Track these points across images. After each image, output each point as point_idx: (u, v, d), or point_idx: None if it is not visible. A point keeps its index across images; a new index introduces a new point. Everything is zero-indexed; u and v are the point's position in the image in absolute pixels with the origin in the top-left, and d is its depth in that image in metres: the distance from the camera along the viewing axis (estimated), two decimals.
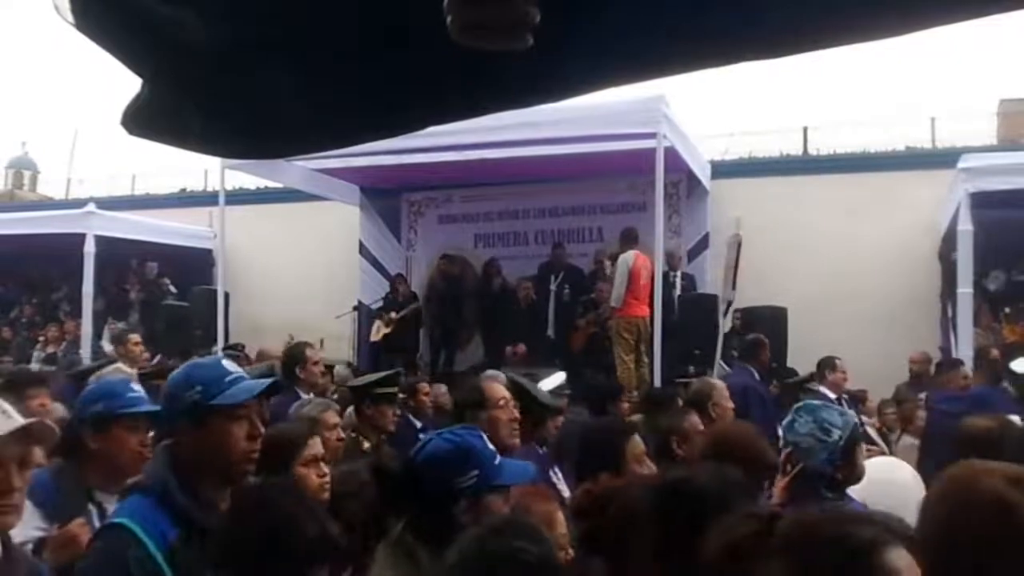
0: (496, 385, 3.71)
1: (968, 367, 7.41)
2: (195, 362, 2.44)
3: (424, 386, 6.76)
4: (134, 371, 5.99)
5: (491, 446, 2.34)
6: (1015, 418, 3.99)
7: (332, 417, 3.96)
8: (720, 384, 5.34)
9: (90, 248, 11.69)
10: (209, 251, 13.76)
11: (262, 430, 2.31)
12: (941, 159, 10.43)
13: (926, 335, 10.12)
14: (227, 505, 2.12)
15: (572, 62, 1.86)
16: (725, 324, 8.06)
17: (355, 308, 12.36)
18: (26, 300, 15.74)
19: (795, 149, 13.22)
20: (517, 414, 3.60)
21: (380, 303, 11.96)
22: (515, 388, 3.92)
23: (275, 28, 1.87)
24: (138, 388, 2.98)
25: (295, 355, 5.46)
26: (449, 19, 1.48)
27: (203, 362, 2.45)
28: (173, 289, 13.59)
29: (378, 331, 11.58)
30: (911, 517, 2.67)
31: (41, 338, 13.76)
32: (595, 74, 2.00)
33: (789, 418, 3.04)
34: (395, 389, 5.14)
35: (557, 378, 6.16)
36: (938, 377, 7.64)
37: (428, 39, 1.59)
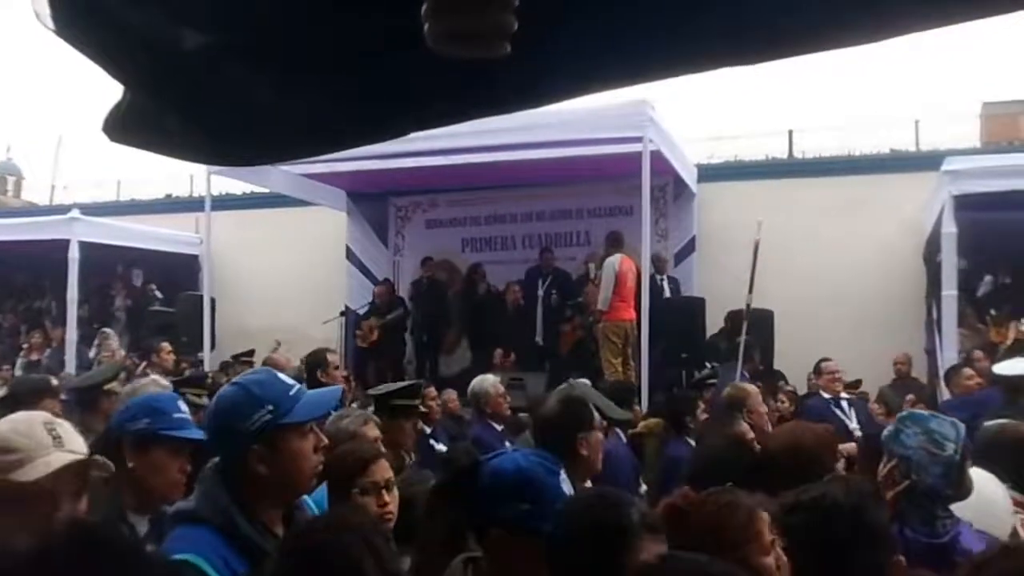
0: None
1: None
2: (252, 379, 2.16)
3: (432, 391, 6.72)
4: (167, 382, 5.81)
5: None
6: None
7: (372, 431, 3.62)
8: (753, 389, 5.31)
9: (74, 254, 11.60)
10: (195, 257, 13.68)
11: (325, 441, 2.19)
12: (925, 162, 10.49)
13: (911, 337, 10.19)
14: (282, 544, 1.89)
15: (556, 68, 1.87)
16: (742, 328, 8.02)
17: (342, 313, 12.31)
18: (9, 307, 15.62)
19: (780, 152, 13.30)
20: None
21: (366, 308, 11.94)
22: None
23: (256, 35, 1.86)
24: (184, 408, 2.73)
25: (317, 360, 5.44)
26: (425, 27, 1.47)
27: (261, 378, 2.17)
28: (159, 295, 13.53)
29: (364, 337, 11.55)
30: (1005, 534, 2.63)
31: (25, 345, 13.65)
32: (579, 79, 2.01)
33: (893, 429, 2.82)
34: (417, 402, 4.63)
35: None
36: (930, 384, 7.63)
37: (410, 46, 1.59)
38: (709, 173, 12.02)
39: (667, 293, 10.09)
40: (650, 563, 1.67)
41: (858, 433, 6.38)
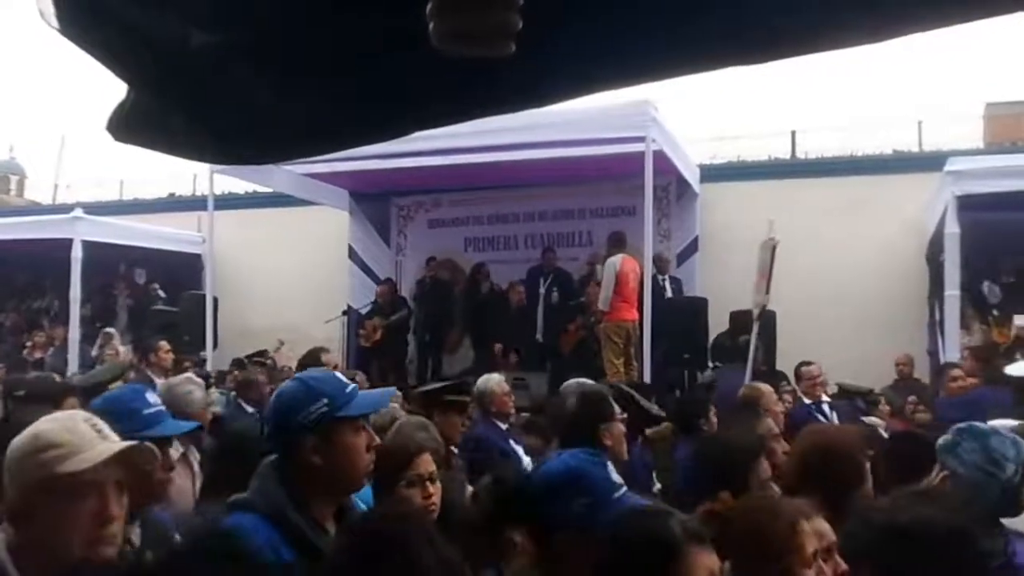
0: None
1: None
2: (310, 374, 2.25)
3: None
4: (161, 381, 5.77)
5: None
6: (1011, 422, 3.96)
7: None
8: (768, 389, 5.30)
9: (77, 253, 11.62)
10: (198, 256, 13.69)
11: (377, 440, 2.23)
12: (928, 162, 10.48)
13: (914, 337, 10.18)
14: (339, 536, 1.99)
15: (557, 68, 1.87)
16: (753, 328, 7.99)
17: (344, 313, 12.33)
18: (12, 307, 15.64)
19: (783, 153, 13.28)
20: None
21: (368, 308, 11.94)
22: (622, 397, 3.87)
23: (258, 35, 1.87)
24: (155, 399, 2.58)
25: (312, 360, 5.45)
26: (430, 26, 1.48)
27: (318, 375, 2.26)
28: (162, 294, 13.54)
29: (368, 337, 11.56)
30: None
31: (28, 344, 13.67)
32: (580, 79, 2.01)
33: (950, 439, 2.69)
34: (467, 397, 4.73)
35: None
36: (933, 385, 7.62)
37: (413, 45, 1.59)
38: (712, 173, 12.01)
39: (669, 293, 10.09)
40: None
41: None
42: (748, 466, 2.79)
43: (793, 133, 13.29)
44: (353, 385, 2.19)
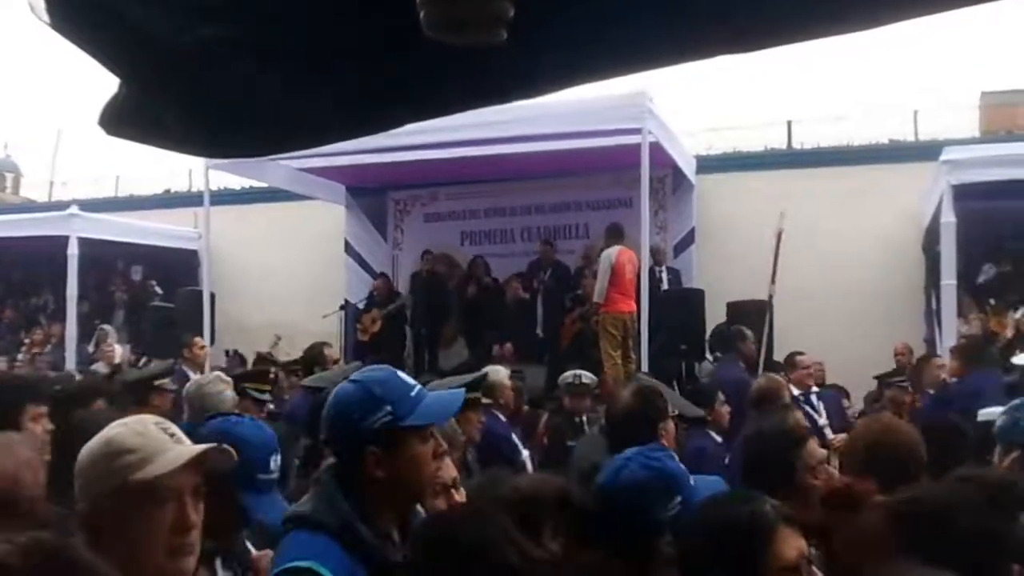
0: None
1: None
2: (372, 377, 2.01)
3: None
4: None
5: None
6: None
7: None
8: (784, 382, 5.31)
9: (73, 250, 11.60)
10: (194, 252, 13.67)
11: (444, 446, 2.12)
12: (924, 152, 10.47)
13: (911, 327, 10.19)
14: (415, 538, 1.86)
15: (549, 57, 1.86)
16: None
17: (342, 307, 12.32)
18: (9, 304, 15.62)
19: (779, 143, 13.28)
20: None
21: (364, 303, 11.94)
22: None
23: (252, 28, 1.86)
24: (275, 466, 2.32)
25: (314, 357, 5.41)
26: (422, 14, 1.48)
27: (380, 377, 2.01)
28: (159, 290, 13.53)
29: (366, 329, 11.56)
30: None
31: (26, 341, 13.67)
32: (573, 69, 2.01)
33: (1008, 418, 2.68)
34: (480, 394, 4.52)
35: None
36: (915, 376, 7.64)
37: (405, 37, 1.59)
38: (708, 164, 12.00)
39: (666, 285, 10.09)
40: None
41: (828, 429, 6.34)
42: (792, 455, 2.69)
43: (789, 123, 13.30)
44: (419, 387, 2.01)
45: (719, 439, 5.37)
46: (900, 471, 2.59)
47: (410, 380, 2.04)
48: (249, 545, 2.31)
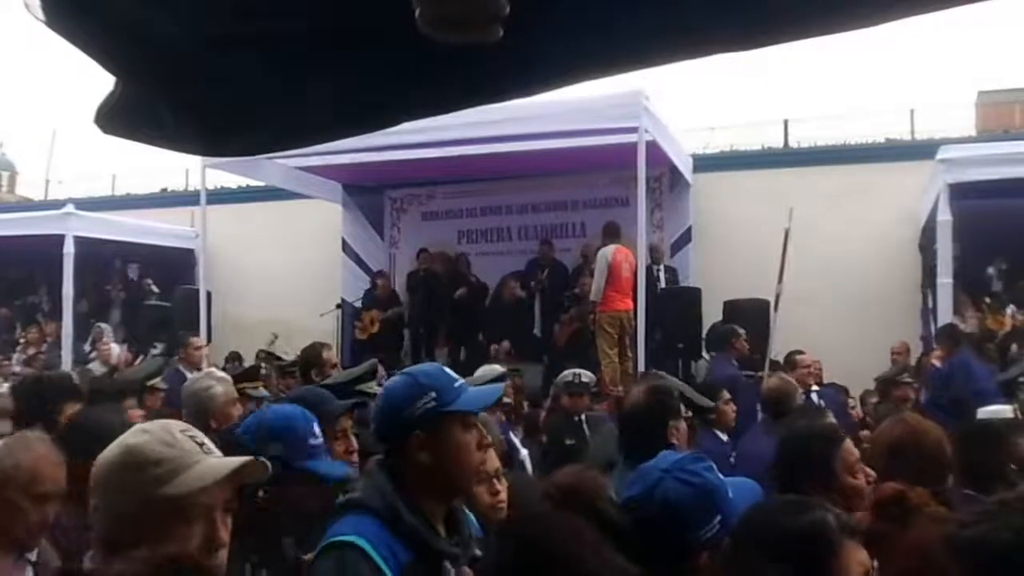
0: None
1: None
2: (419, 368, 2.17)
3: None
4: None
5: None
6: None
7: None
8: (795, 384, 5.31)
9: (69, 249, 11.56)
10: (191, 251, 13.64)
11: (489, 439, 2.17)
12: (920, 150, 10.49)
13: (908, 325, 10.20)
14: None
15: (546, 55, 1.86)
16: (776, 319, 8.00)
17: (339, 306, 12.30)
18: (4, 303, 15.59)
19: (776, 142, 13.29)
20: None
21: (362, 300, 11.93)
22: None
23: (247, 26, 1.85)
24: (319, 432, 2.46)
25: (311, 357, 5.31)
26: (417, 12, 1.47)
27: (426, 368, 2.18)
28: (155, 289, 13.51)
29: (365, 329, 11.55)
30: None
31: (22, 340, 13.64)
32: (570, 67, 2.00)
33: None
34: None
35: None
36: (918, 373, 7.70)
37: (400, 35, 1.58)
38: (705, 163, 12.00)
39: (663, 283, 10.10)
40: None
41: None
42: (830, 455, 2.64)
43: (786, 122, 13.30)
44: (461, 381, 2.13)
45: (725, 437, 5.37)
46: (925, 473, 2.56)
47: (454, 374, 2.15)
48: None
